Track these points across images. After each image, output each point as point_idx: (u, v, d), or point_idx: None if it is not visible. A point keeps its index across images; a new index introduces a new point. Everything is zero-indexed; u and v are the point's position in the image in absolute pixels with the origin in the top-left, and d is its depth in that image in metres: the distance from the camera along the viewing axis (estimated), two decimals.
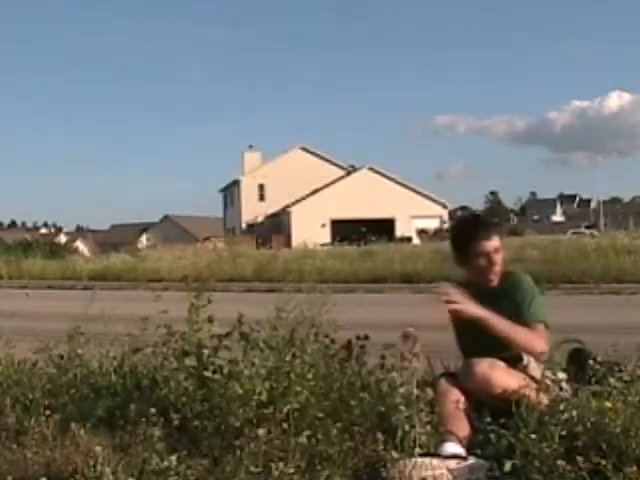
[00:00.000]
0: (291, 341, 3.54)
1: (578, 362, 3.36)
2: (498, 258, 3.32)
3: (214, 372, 3.40)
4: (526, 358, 3.15)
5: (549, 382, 3.04)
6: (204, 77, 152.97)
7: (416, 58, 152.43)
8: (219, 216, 65.34)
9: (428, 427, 2.89)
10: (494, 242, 3.33)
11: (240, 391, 3.22)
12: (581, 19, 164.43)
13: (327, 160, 57.61)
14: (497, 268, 3.32)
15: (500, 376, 3.03)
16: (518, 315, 3.19)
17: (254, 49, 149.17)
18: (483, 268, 3.34)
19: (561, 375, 3.19)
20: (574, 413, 2.93)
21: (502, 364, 3.11)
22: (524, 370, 3.11)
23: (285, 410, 3.20)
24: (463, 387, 3.08)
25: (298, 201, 52.25)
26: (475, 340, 3.26)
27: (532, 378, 3.06)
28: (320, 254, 23.07)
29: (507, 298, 3.26)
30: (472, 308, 3.14)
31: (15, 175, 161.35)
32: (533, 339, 3.15)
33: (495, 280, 3.33)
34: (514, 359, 3.13)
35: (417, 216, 50.38)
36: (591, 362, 3.27)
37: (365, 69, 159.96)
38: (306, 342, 3.56)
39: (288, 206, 52.27)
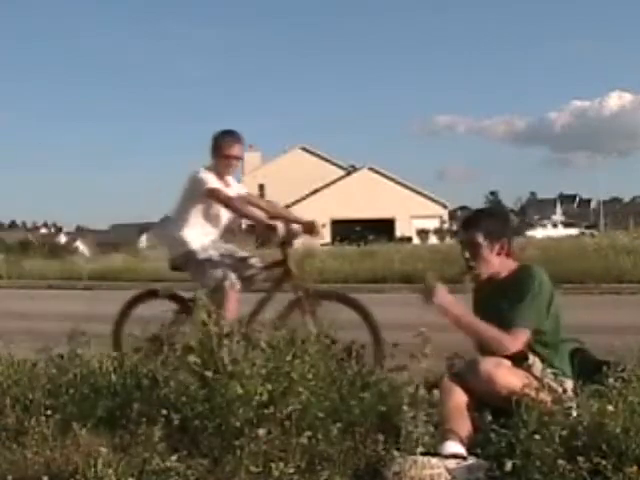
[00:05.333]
0: (292, 341, 3.55)
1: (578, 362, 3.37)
2: (467, 252, 3.38)
3: (215, 372, 3.40)
4: (532, 358, 3.15)
5: (552, 383, 3.04)
6: (204, 77, 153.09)
7: (416, 58, 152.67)
8: None
9: (431, 428, 2.89)
10: (465, 235, 3.42)
11: (241, 391, 3.22)
12: (581, 19, 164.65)
13: (327, 160, 57.60)
14: (468, 262, 3.38)
15: (504, 376, 3.03)
16: (507, 312, 3.22)
17: (254, 49, 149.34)
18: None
19: (569, 383, 3.19)
20: (574, 413, 2.94)
21: (508, 363, 3.12)
22: (529, 370, 3.11)
23: (286, 410, 3.20)
24: (466, 386, 3.08)
25: (298, 201, 52.21)
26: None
27: (537, 378, 3.06)
28: (320, 254, 23.03)
29: (510, 292, 3.27)
30: (445, 306, 3.20)
31: (15, 175, 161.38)
32: (501, 340, 3.16)
33: (479, 273, 3.37)
34: (520, 358, 3.14)
35: (417, 216, 50.34)
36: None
37: (365, 69, 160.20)
38: (307, 342, 3.56)
39: (288, 206, 52.12)
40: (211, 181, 4.91)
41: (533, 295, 3.24)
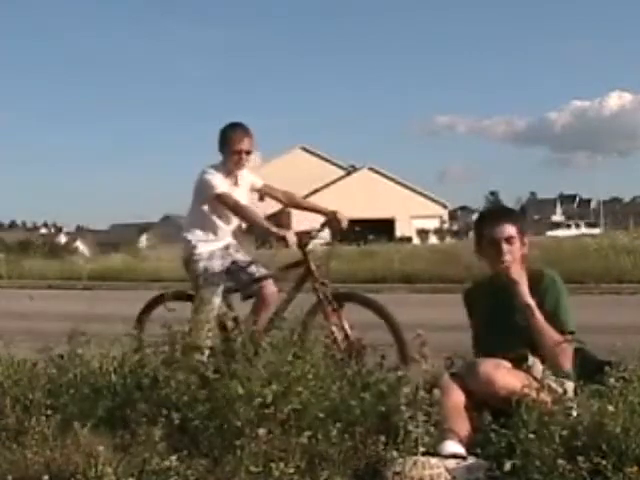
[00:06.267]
0: (292, 341, 3.55)
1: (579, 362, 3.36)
2: (509, 248, 3.29)
3: (216, 372, 3.40)
4: (531, 359, 3.14)
5: (552, 384, 3.04)
6: (204, 77, 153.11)
7: (416, 58, 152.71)
8: None
9: (431, 428, 2.89)
10: (505, 230, 3.31)
11: (241, 391, 3.22)
12: (581, 19, 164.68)
13: (327, 160, 57.49)
14: (507, 258, 3.28)
15: (504, 377, 3.02)
16: (550, 321, 3.19)
17: (254, 49, 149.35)
18: (492, 257, 3.33)
19: (569, 384, 3.18)
20: (574, 413, 2.93)
21: (507, 364, 3.10)
22: (528, 371, 3.10)
23: (286, 410, 3.20)
24: (465, 386, 3.07)
25: None
26: (491, 339, 3.27)
27: (536, 379, 3.05)
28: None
29: (533, 298, 3.23)
30: (526, 290, 3.19)
31: (15, 175, 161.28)
32: (562, 350, 3.16)
33: (508, 268, 3.27)
34: (520, 359, 3.13)
35: (417, 216, 50.30)
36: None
37: (365, 69, 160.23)
38: (307, 342, 3.57)
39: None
40: (219, 184, 4.72)
41: (564, 299, 3.27)
